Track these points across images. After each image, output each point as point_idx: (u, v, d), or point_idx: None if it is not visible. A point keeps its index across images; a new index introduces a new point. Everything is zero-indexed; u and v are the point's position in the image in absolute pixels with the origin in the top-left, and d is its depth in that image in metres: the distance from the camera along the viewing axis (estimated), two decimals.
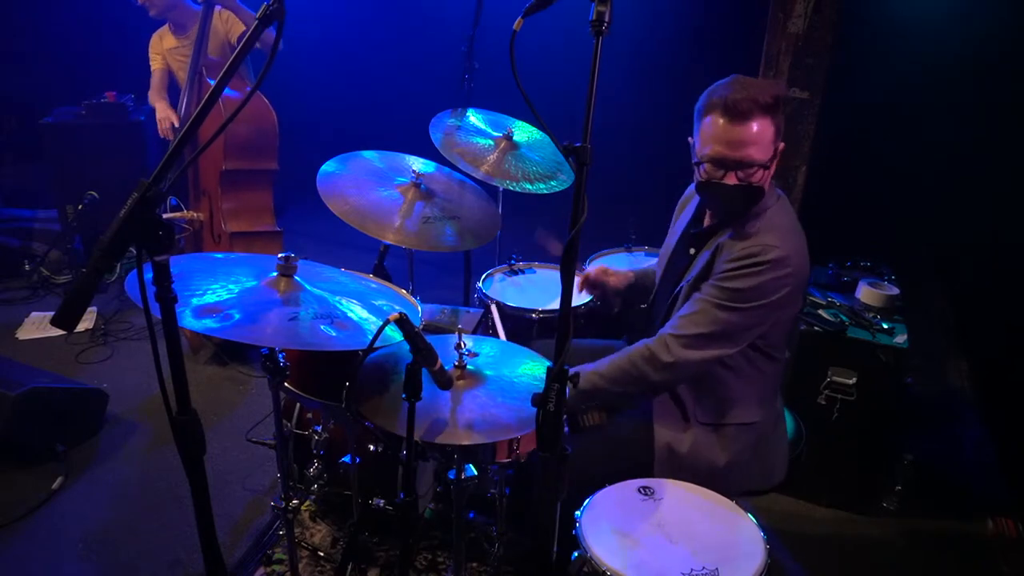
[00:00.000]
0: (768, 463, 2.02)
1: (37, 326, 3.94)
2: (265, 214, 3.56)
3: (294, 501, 2.04)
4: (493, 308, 2.60)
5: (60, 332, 3.68)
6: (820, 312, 2.72)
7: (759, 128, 1.72)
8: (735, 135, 1.73)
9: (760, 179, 1.77)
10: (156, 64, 3.95)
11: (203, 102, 1.18)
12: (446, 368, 1.59)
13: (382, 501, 2.17)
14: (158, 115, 3.93)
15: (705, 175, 1.81)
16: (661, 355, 1.83)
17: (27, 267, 4.42)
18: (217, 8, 3.53)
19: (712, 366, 1.87)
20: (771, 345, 1.90)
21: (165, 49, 3.91)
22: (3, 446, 2.80)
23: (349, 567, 2.26)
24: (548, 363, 1.61)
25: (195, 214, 3.64)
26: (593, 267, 2.42)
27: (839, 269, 3.00)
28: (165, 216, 3.67)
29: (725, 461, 1.94)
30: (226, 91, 3.32)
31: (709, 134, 1.77)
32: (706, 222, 1.98)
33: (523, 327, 2.56)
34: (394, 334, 1.55)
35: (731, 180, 1.77)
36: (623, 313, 2.58)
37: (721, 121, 1.73)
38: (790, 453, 2.12)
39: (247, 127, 3.40)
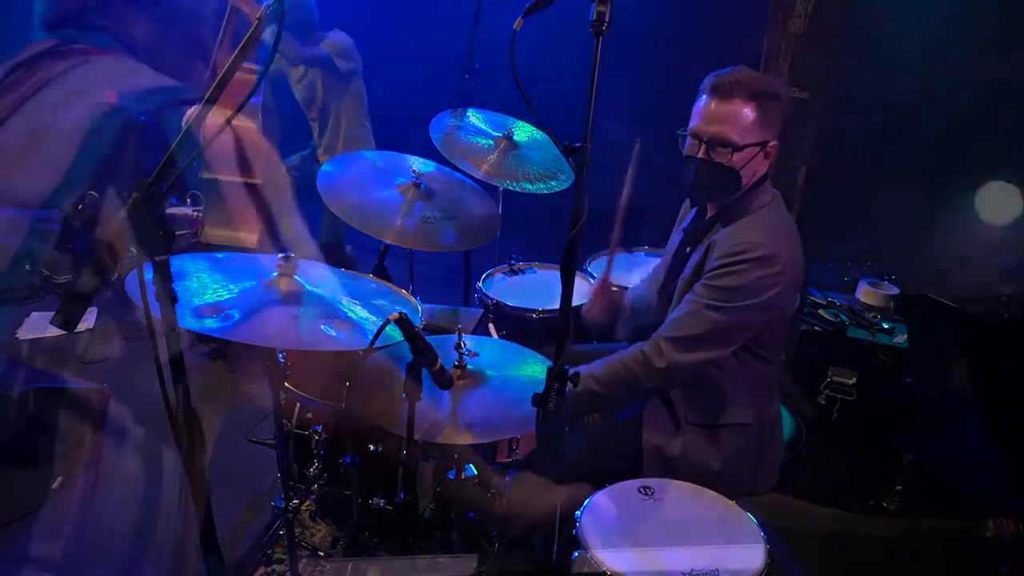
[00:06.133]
0: (762, 466, 2.01)
1: (37, 326, 3.94)
2: (241, 229, 3.40)
3: (294, 501, 2.04)
4: (491, 327, 2.59)
5: (60, 332, 3.70)
6: (820, 312, 2.72)
7: (737, 109, 1.78)
8: (712, 111, 1.81)
9: (731, 161, 1.79)
10: None
11: (200, 105, 1.18)
12: (446, 368, 1.59)
13: (382, 501, 2.17)
14: None
15: (684, 149, 1.88)
16: (655, 360, 1.82)
17: (27, 267, 4.41)
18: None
19: (705, 368, 1.86)
20: (764, 347, 1.89)
21: None
22: (3, 446, 2.80)
23: (349, 567, 2.26)
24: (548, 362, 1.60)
25: (194, 213, 3.62)
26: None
27: (839, 269, 3.00)
28: (171, 210, 3.66)
29: (719, 464, 1.93)
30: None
31: (695, 110, 1.85)
32: (709, 214, 1.98)
33: (523, 327, 2.56)
34: (394, 334, 1.55)
35: (702, 155, 1.82)
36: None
37: (705, 98, 1.83)
38: (790, 453, 2.12)
39: (229, 137, 3.32)
